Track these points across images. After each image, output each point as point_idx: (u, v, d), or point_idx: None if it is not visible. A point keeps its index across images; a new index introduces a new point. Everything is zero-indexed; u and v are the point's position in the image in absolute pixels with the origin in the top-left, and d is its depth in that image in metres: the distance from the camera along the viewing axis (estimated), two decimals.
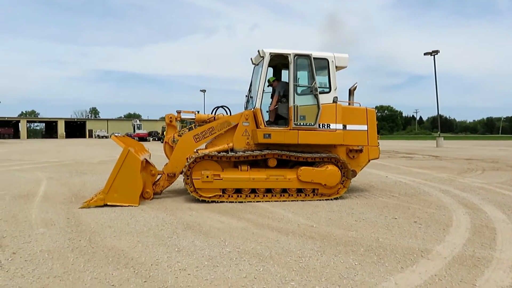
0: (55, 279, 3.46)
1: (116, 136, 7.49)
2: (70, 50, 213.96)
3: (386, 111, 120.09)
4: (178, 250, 4.28)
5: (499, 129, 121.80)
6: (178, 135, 7.69)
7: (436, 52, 34.90)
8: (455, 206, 6.76)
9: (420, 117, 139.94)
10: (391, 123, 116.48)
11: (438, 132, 37.33)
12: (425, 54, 35.70)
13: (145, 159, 7.31)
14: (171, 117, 7.76)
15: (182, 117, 7.85)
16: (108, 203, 6.51)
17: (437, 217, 5.92)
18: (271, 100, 7.80)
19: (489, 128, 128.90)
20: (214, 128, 7.47)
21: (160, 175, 7.49)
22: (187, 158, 7.07)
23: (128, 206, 6.52)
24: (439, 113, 37.24)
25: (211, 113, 7.98)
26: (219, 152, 7.14)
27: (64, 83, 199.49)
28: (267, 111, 7.65)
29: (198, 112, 7.91)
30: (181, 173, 7.35)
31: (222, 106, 7.97)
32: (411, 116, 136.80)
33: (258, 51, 7.42)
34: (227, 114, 7.90)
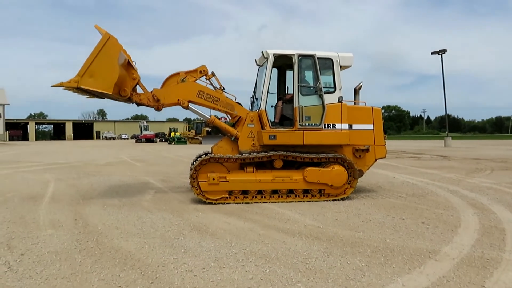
0: (62, 280, 3.49)
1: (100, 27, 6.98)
2: (80, 52, 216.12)
3: (393, 111, 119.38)
4: (185, 251, 4.29)
5: (508, 129, 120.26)
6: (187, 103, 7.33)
7: (444, 51, 34.59)
8: (463, 206, 6.69)
9: (428, 117, 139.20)
10: (398, 123, 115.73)
11: (446, 132, 36.99)
12: (432, 53, 35.41)
13: (129, 61, 7.09)
14: (204, 70, 7.47)
15: (211, 81, 7.54)
16: (81, 87, 6.35)
17: (445, 217, 5.86)
18: (276, 101, 7.75)
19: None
20: (219, 100, 7.38)
21: (144, 92, 7.30)
22: (192, 163, 6.99)
23: (101, 92, 6.32)
24: (447, 112, 36.93)
25: None
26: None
27: None
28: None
29: (224, 89, 7.55)
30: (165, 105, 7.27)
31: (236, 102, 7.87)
32: (418, 116, 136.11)
33: (262, 52, 7.39)
34: None
